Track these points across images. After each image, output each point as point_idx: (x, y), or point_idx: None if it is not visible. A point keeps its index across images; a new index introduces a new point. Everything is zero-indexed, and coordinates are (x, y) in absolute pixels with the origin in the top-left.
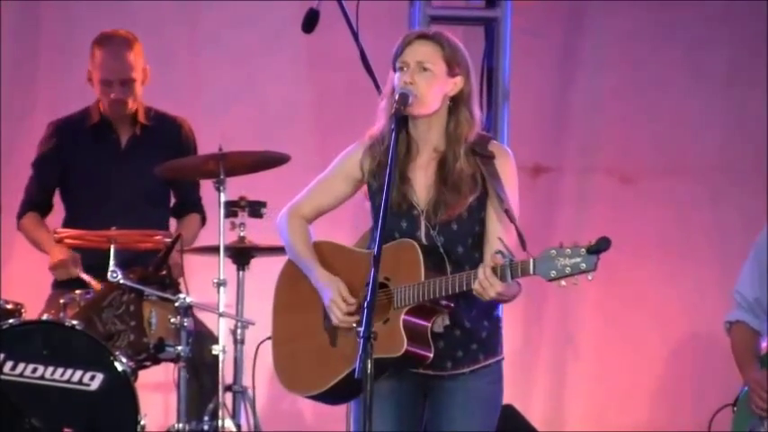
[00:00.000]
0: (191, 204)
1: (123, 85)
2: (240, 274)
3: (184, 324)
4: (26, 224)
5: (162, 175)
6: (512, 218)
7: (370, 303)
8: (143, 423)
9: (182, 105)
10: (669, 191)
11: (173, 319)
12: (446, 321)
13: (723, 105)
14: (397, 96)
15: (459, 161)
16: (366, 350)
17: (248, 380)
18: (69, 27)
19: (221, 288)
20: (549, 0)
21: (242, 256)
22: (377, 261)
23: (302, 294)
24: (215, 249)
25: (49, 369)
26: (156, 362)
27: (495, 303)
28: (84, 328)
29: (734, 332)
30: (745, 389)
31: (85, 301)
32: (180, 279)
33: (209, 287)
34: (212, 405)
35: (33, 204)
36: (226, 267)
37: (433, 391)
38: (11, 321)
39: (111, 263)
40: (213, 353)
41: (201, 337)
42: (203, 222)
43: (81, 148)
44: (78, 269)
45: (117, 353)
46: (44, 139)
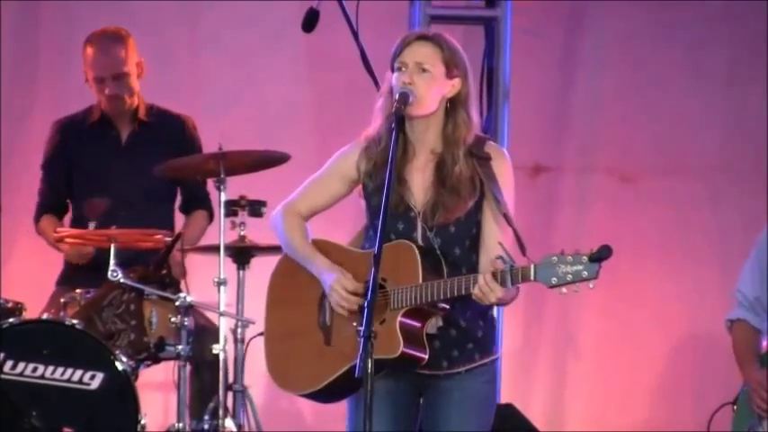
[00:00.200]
0: (198, 201)
1: (116, 80)
2: (240, 273)
3: (185, 323)
4: (44, 227)
5: (162, 175)
6: (510, 221)
7: (371, 302)
8: (143, 422)
9: (182, 105)
10: (669, 191)
11: (173, 319)
12: (439, 323)
13: (723, 105)
14: (398, 96)
15: (458, 164)
16: (366, 349)
17: (248, 378)
18: (69, 27)
19: (222, 287)
20: (549, 0)
21: (242, 255)
22: (377, 260)
23: (296, 291)
24: (215, 248)
25: (50, 368)
26: (157, 361)
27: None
28: (85, 328)
29: (735, 330)
30: (746, 388)
31: (86, 301)
32: (182, 279)
33: (209, 286)
34: (213, 404)
35: (48, 207)
36: (226, 266)
37: (429, 391)
38: (11, 320)
39: (112, 262)
40: (214, 352)
41: (204, 333)
42: (211, 218)
43: (83, 145)
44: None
45: (117, 352)
46: (49, 139)
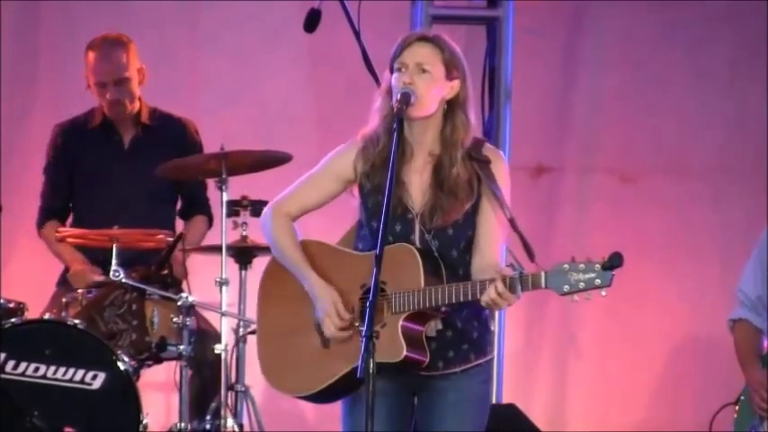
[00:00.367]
0: (198, 206)
1: (118, 86)
2: (242, 273)
3: (186, 323)
4: (47, 233)
5: (163, 175)
6: (516, 227)
7: (372, 303)
8: (145, 422)
9: (182, 105)
10: (670, 190)
11: (175, 319)
12: (439, 326)
13: (724, 105)
14: (399, 96)
15: (456, 166)
16: (368, 350)
17: (250, 378)
18: (69, 27)
19: (223, 287)
20: (551, 0)
21: (244, 255)
22: (379, 262)
23: (290, 292)
24: (217, 248)
25: (51, 368)
26: (159, 361)
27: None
28: (87, 328)
29: (737, 330)
30: (747, 388)
31: (88, 301)
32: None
33: (211, 286)
34: (214, 404)
35: (51, 211)
36: (228, 266)
37: (424, 391)
38: (13, 320)
39: (114, 262)
40: (215, 352)
41: (205, 336)
42: (210, 223)
43: (85, 149)
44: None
45: (119, 352)
46: (51, 142)
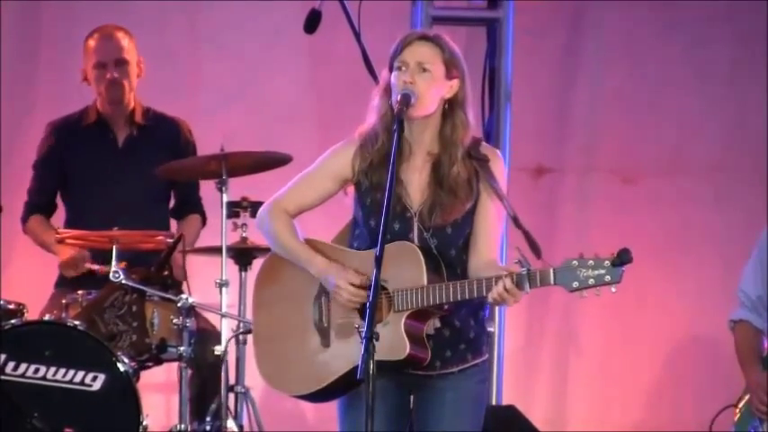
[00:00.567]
0: (191, 205)
1: (118, 66)
2: (242, 274)
3: (187, 324)
4: (32, 227)
5: (163, 176)
6: (520, 225)
7: (373, 303)
8: (145, 423)
9: (182, 105)
10: (671, 191)
11: (175, 320)
12: (437, 323)
13: (724, 105)
14: (400, 96)
15: (457, 165)
16: (368, 350)
17: (250, 380)
18: (70, 26)
19: (223, 288)
20: (551, 0)
21: (244, 256)
22: (379, 261)
23: (286, 291)
24: (217, 250)
25: (51, 369)
26: (159, 362)
27: (484, 304)
28: (87, 329)
29: (737, 331)
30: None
31: (88, 302)
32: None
33: (211, 288)
34: (215, 405)
35: (36, 206)
36: (228, 268)
37: (421, 391)
38: (13, 322)
39: (114, 263)
40: (215, 353)
41: (205, 336)
42: (204, 223)
43: (78, 147)
44: (87, 263)
45: (119, 353)
46: (43, 140)
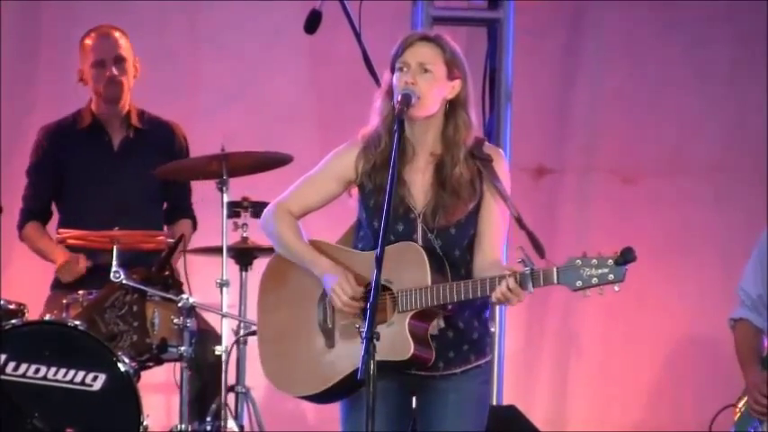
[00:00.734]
0: (181, 210)
1: (117, 63)
2: (243, 274)
3: (187, 324)
4: (28, 234)
5: (163, 177)
6: (523, 225)
7: (374, 304)
8: (146, 424)
9: (182, 105)
10: (671, 191)
11: (176, 320)
12: (441, 324)
13: (724, 105)
14: (400, 97)
15: (459, 166)
16: (368, 351)
17: (250, 380)
18: (70, 27)
19: (224, 288)
20: (552, 0)
21: (245, 256)
22: (379, 261)
23: (291, 292)
24: (218, 250)
25: (52, 369)
26: (159, 362)
27: (487, 305)
28: (87, 329)
29: (737, 330)
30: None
31: (88, 302)
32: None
33: (211, 288)
34: (215, 406)
35: (32, 213)
36: (228, 268)
37: (424, 391)
38: (13, 322)
39: (114, 263)
40: (216, 353)
41: (205, 336)
42: (194, 228)
43: (74, 150)
44: (83, 264)
45: (119, 353)
46: (36, 145)
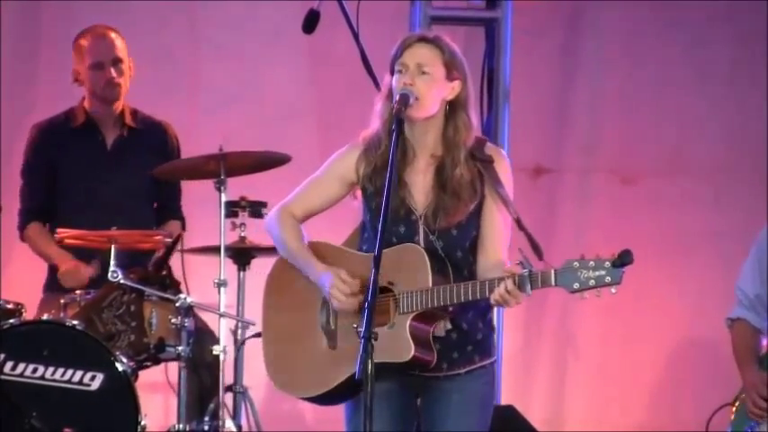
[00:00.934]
0: (170, 211)
1: (115, 66)
2: (241, 274)
3: (185, 324)
4: (30, 235)
5: (161, 177)
6: (522, 227)
7: (371, 304)
8: (143, 423)
9: (182, 105)
10: (670, 191)
11: (173, 320)
12: (448, 326)
13: (724, 105)
14: (398, 97)
15: (459, 167)
16: (366, 350)
17: (248, 379)
18: (70, 27)
19: (222, 288)
20: (550, 0)
21: (242, 256)
22: (377, 262)
23: (296, 294)
24: (215, 249)
25: (50, 369)
26: (157, 362)
27: (491, 306)
28: (85, 329)
29: (735, 330)
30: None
31: (86, 302)
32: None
33: (209, 287)
34: (213, 405)
35: (32, 213)
36: (226, 267)
37: (428, 392)
38: (11, 321)
39: (112, 263)
40: (214, 353)
41: (203, 336)
42: (183, 229)
43: (67, 149)
44: (88, 273)
45: (117, 353)
46: (29, 143)
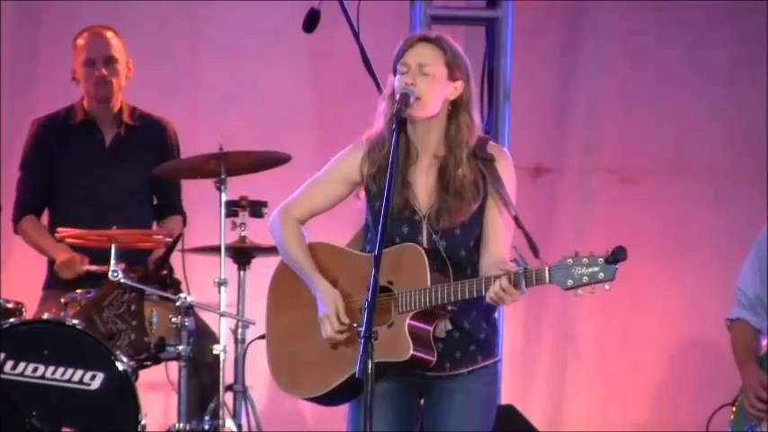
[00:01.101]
0: (171, 206)
1: (107, 64)
2: (241, 273)
3: (185, 324)
4: (25, 228)
5: (161, 176)
6: (520, 225)
7: (371, 304)
8: (144, 423)
9: (182, 105)
10: (670, 191)
11: (174, 319)
12: (449, 326)
13: (724, 105)
14: (399, 96)
15: (462, 167)
16: (367, 350)
17: (249, 379)
18: (69, 27)
19: (222, 288)
20: (550, 0)
21: (243, 255)
22: (377, 261)
23: (299, 295)
24: (216, 249)
25: (50, 368)
26: (157, 361)
27: (495, 305)
28: (85, 328)
29: (734, 330)
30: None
31: (86, 301)
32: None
33: (210, 287)
34: (213, 405)
35: (27, 207)
36: (227, 267)
37: (431, 392)
38: (12, 321)
39: (112, 262)
40: (214, 353)
41: (203, 336)
42: (185, 224)
43: (66, 145)
44: (84, 265)
45: (118, 352)
46: (30, 137)
